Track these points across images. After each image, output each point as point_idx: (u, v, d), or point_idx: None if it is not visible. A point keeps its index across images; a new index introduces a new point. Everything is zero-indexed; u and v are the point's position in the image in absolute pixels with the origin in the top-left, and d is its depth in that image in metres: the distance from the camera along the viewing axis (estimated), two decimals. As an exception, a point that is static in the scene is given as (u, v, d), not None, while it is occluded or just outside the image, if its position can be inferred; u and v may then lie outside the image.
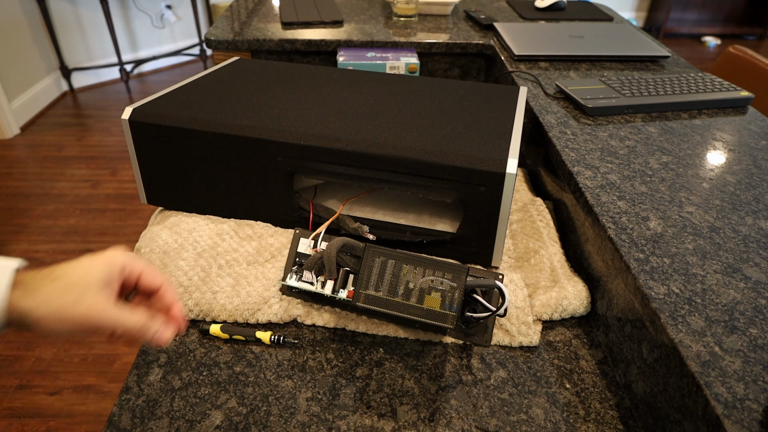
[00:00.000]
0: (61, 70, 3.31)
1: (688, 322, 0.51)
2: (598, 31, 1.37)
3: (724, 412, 0.43)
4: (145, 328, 0.46)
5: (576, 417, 0.56)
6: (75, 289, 0.43)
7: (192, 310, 0.66)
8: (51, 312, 0.42)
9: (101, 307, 0.43)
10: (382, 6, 1.67)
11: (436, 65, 1.43)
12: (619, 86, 1.01)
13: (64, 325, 0.42)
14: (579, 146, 0.83)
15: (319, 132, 0.72)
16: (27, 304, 0.41)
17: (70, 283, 0.43)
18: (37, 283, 0.42)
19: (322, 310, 0.67)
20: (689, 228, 0.65)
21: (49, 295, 0.42)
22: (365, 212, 0.80)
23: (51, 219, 2.26)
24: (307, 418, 0.55)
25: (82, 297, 0.43)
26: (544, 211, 0.83)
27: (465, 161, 0.67)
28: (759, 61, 1.40)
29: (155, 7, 3.63)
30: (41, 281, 0.43)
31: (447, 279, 0.59)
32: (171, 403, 0.57)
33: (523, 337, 0.65)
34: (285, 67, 0.98)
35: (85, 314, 0.42)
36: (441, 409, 0.57)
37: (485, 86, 0.93)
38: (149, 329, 0.46)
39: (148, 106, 0.77)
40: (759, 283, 0.56)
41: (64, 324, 0.42)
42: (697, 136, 0.87)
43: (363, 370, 0.61)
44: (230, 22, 1.47)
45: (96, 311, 0.43)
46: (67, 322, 0.42)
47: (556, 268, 0.73)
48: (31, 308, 0.41)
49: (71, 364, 1.62)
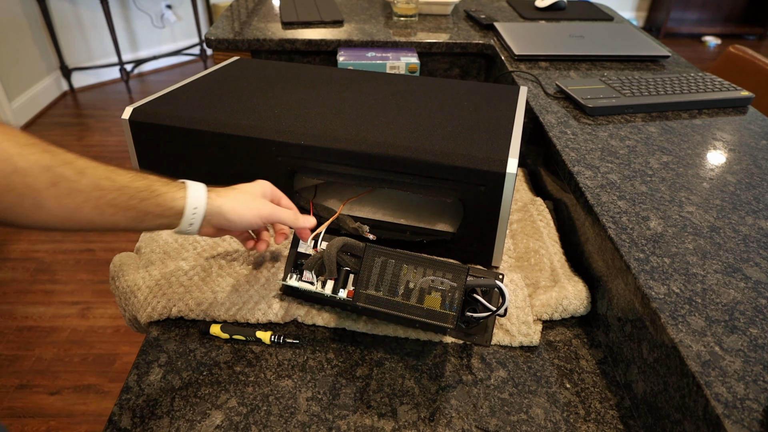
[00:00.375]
0: (61, 70, 3.32)
1: (688, 322, 0.51)
2: (599, 31, 1.37)
3: (725, 412, 0.43)
4: (295, 218, 0.63)
5: (576, 417, 0.57)
6: (247, 195, 0.61)
7: (192, 310, 0.66)
8: (235, 207, 0.59)
9: (264, 205, 0.62)
10: (382, 6, 1.67)
11: (437, 65, 1.43)
12: (620, 86, 1.01)
13: (250, 213, 0.60)
14: (579, 146, 0.83)
15: (319, 132, 0.72)
16: (219, 202, 0.59)
17: (244, 192, 0.62)
18: (224, 192, 0.60)
19: (322, 310, 0.67)
20: (689, 228, 0.65)
21: (233, 197, 0.60)
22: (365, 212, 0.80)
23: (51, 219, 2.26)
24: (307, 418, 0.55)
25: (253, 200, 0.61)
26: (544, 211, 0.83)
27: (465, 161, 0.67)
28: (759, 60, 1.40)
29: (155, 6, 3.63)
30: (226, 191, 0.61)
31: (447, 279, 0.59)
32: (171, 403, 0.57)
33: (523, 337, 0.64)
34: (285, 67, 0.98)
35: (257, 209, 0.61)
36: (441, 409, 0.57)
37: (485, 86, 0.93)
38: (299, 217, 0.64)
39: (148, 106, 0.77)
40: (759, 282, 0.56)
41: (244, 217, 0.60)
42: (697, 136, 0.87)
43: (363, 369, 0.61)
44: (230, 21, 1.47)
45: (263, 207, 0.61)
46: (246, 215, 0.60)
47: (557, 267, 0.73)
48: (222, 203, 0.59)
49: (71, 363, 1.62)
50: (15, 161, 0.45)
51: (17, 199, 0.46)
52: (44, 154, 0.48)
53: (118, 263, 0.74)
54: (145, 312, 0.66)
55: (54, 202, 0.48)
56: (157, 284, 0.68)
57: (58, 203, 0.48)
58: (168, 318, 0.67)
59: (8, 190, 0.45)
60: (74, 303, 1.85)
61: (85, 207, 0.50)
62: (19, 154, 0.46)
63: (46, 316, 1.80)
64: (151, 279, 0.69)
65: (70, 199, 0.49)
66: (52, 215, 0.49)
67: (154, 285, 0.68)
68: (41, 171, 0.47)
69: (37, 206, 0.47)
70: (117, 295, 0.72)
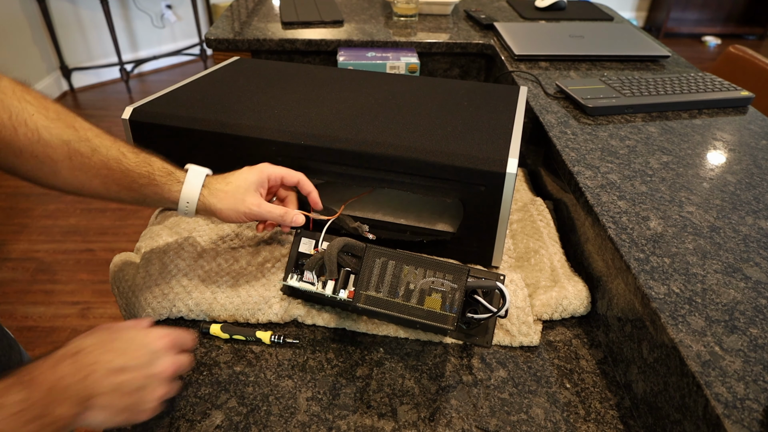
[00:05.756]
0: (61, 70, 3.31)
1: (688, 322, 0.51)
2: (599, 31, 1.37)
3: (725, 412, 0.43)
4: (286, 215, 0.65)
5: (576, 417, 0.57)
6: (239, 192, 0.63)
7: (192, 310, 0.66)
8: (225, 207, 0.63)
9: (257, 203, 0.63)
10: (383, 6, 1.67)
11: (437, 65, 1.43)
12: (620, 86, 1.01)
13: (235, 215, 0.63)
14: (579, 146, 0.83)
15: (319, 132, 0.72)
16: (210, 201, 0.63)
17: (236, 187, 0.63)
18: (216, 188, 0.63)
19: (323, 310, 0.67)
20: (689, 228, 0.65)
21: (224, 196, 0.63)
22: (365, 212, 0.80)
23: (51, 219, 2.26)
24: (307, 418, 0.55)
25: (244, 197, 0.63)
26: (544, 211, 0.83)
27: (465, 161, 0.67)
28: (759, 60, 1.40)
29: (155, 6, 3.63)
30: (219, 185, 0.63)
31: (448, 280, 0.59)
32: (171, 403, 0.57)
33: (523, 337, 0.64)
34: (285, 67, 0.98)
35: (243, 211, 0.63)
36: (441, 409, 0.57)
37: (485, 86, 0.93)
38: (288, 215, 0.65)
39: (148, 106, 0.77)
40: (759, 282, 0.56)
41: (236, 214, 0.63)
42: (697, 136, 0.87)
43: (363, 369, 0.61)
44: (230, 21, 1.47)
45: (254, 206, 0.63)
46: (232, 216, 0.63)
47: (557, 267, 0.73)
48: (213, 203, 0.62)
49: (71, 363, 1.62)
50: (41, 132, 0.54)
51: (38, 165, 0.55)
52: (67, 129, 0.56)
53: (118, 263, 0.74)
54: (145, 312, 0.66)
55: (68, 172, 0.57)
56: (157, 284, 0.68)
57: (72, 174, 0.57)
58: (168, 318, 0.67)
59: (32, 156, 0.55)
60: (74, 303, 1.85)
61: (94, 181, 0.58)
62: (45, 127, 0.55)
63: (46, 316, 1.79)
64: (151, 279, 0.69)
65: (82, 173, 0.57)
66: (67, 183, 0.58)
67: (154, 285, 0.68)
68: (61, 144, 0.55)
69: (54, 173, 0.56)
70: (117, 295, 0.72)
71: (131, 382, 0.46)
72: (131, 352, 0.48)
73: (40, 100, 0.56)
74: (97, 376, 0.45)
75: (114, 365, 0.46)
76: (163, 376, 0.49)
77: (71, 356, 0.45)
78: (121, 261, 0.74)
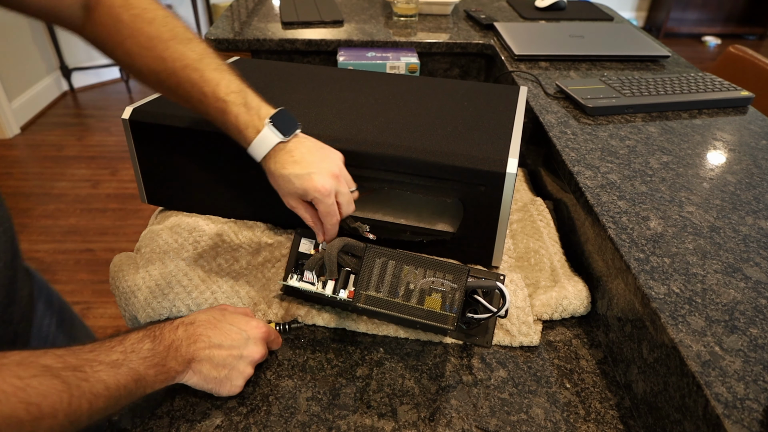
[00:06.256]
0: (61, 70, 3.31)
1: (688, 322, 0.51)
2: (599, 31, 1.37)
3: (725, 412, 0.43)
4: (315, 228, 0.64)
5: (576, 417, 0.57)
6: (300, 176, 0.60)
7: (192, 310, 0.66)
8: (276, 182, 0.62)
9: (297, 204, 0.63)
10: (383, 6, 1.67)
11: (437, 65, 1.43)
12: (620, 86, 1.01)
13: (279, 194, 0.63)
14: (579, 146, 0.83)
15: (319, 132, 0.72)
16: (272, 167, 0.61)
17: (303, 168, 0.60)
18: (283, 159, 0.61)
19: (323, 310, 0.67)
20: (689, 228, 0.65)
21: (281, 175, 0.61)
22: (365, 212, 0.80)
23: (51, 219, 2.26)
24: (307, 418, 0.55)
25: (293, 191, 0.61)
26: (544, 211, 0.83)
27: (465, 161, 0.67)
28: (759, 60, 1.40)
29: (155, 6, 3.63)
30: (287, 158, 0.61)
31: (448, 280, 0.59)
32: (171, 403, 0.57)
33: (523, 337, 0.64)
34: (285, 67, 0.98)
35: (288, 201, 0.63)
36: (441, 409, 0.57)
37: (485, 86, 0.93)
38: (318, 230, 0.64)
39: (148, 106, 0.77)
40: (759, 282, 0.56)
41: (279, 194, 0.63)
42: (697, 136, 0.87)
43: (363, 369, 0.61)
44: (230, 21, 1.47)
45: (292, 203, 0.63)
46: (281, 195, 0.63)
47: (557, 267, 0.73)
48: (272, 170, 0.61)
49: (71, 363, 1.62)
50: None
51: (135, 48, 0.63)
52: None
53: (118, 263, 0.74)
54: (145, 312, 0.66)
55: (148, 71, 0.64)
56: (157, 284, 0.68)
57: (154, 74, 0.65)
58: (168, 318, 0.67)
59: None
60: (74, 303, 1.85)
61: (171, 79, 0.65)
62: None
63: (46, 316, 1.79)
64: (151, 279, 0.69)
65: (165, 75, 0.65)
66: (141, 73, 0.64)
67: (154, 285, 0.68)
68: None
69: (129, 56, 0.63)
70: (117, 296, 0.72)
71: (223, 358, 0.54)
72: (230, 334, 0.55)
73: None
74: (200, 345, 0.53)
75: (213, 341, 0.54)
76: (249, 360, 0.56)
77: (186, 324, 0.54)
78: (121, 261, 0.74)
